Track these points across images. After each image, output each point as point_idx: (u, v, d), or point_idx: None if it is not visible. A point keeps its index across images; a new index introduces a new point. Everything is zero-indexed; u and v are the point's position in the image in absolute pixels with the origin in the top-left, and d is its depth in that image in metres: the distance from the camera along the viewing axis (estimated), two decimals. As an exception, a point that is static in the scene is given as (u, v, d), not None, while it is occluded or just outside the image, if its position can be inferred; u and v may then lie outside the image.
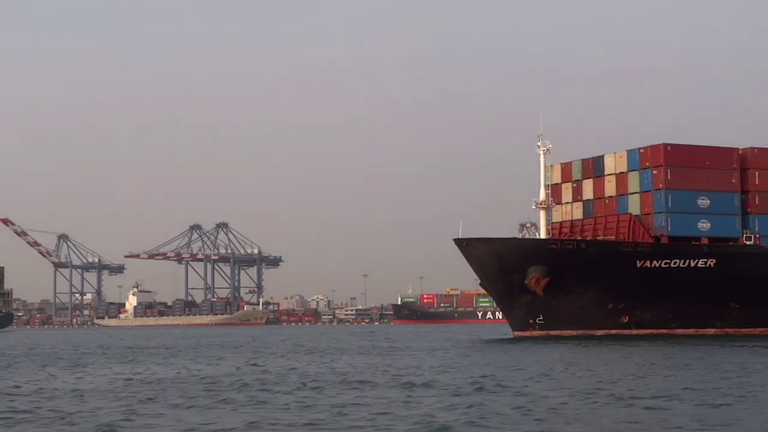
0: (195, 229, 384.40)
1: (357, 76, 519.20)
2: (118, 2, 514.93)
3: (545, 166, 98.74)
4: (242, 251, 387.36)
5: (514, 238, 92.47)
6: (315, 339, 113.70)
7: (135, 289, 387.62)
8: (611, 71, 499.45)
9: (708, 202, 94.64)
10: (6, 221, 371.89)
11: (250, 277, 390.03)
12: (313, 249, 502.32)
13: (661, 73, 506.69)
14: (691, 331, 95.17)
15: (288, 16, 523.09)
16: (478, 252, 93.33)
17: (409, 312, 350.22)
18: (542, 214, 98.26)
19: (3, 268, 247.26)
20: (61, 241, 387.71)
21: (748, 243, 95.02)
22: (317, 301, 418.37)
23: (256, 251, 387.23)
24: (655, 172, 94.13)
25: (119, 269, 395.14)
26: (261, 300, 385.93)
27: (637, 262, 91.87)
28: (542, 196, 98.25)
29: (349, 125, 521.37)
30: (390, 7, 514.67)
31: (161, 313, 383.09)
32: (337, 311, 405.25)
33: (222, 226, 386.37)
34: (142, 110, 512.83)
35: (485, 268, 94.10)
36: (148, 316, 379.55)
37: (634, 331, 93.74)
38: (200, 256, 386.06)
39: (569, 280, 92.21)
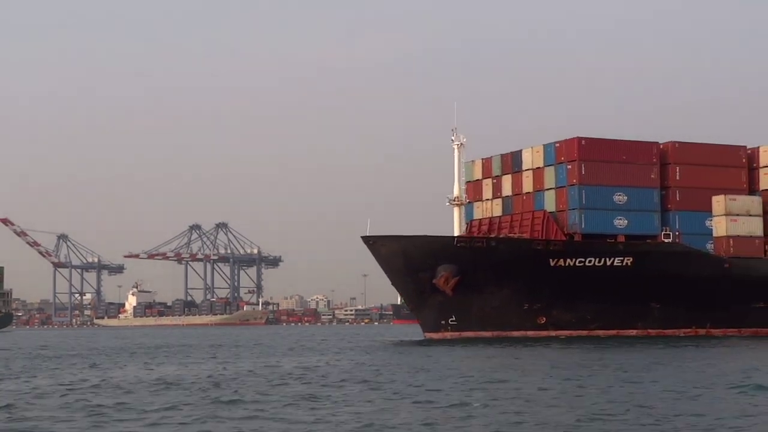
0: (195, 229, 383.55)
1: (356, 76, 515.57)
2: (118, 3, 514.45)
3: (460, 162, 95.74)
4: (242, 251, 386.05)
5: (423, 236, 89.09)
6: (275, 340, 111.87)
7: (134, 289, 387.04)
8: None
9: (625, 198, 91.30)
10: (6, 221, 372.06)
11: (250, 277, 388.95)
12: (313, 249, 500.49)
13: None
14: (612, 332, 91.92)
15: (287, 16, 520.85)
16: (386, 250, 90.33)
17: (408, 312, 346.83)
18: (456, 210, 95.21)
19: (3, 268, 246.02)
20: (61, 241, 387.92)
21: (666, 241, 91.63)
22: (317, 301, 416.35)
23: (255, 251, 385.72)
24: (569, 167, 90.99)
25: (119, 269, 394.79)
26: (261, 300, 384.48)
27: (551, 260, 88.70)
28: (456, 192, 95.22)
29: (349, 124, 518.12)
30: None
31: (161, 313, 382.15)
32: (336, 311, 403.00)
33: (222, 226, 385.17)
34: (142, 110, 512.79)
35: (393, 266, 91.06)
36: (147, 316, 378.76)
37: (553, 333, 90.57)
38: (200, 256, 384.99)
39: (481, 280, 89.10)
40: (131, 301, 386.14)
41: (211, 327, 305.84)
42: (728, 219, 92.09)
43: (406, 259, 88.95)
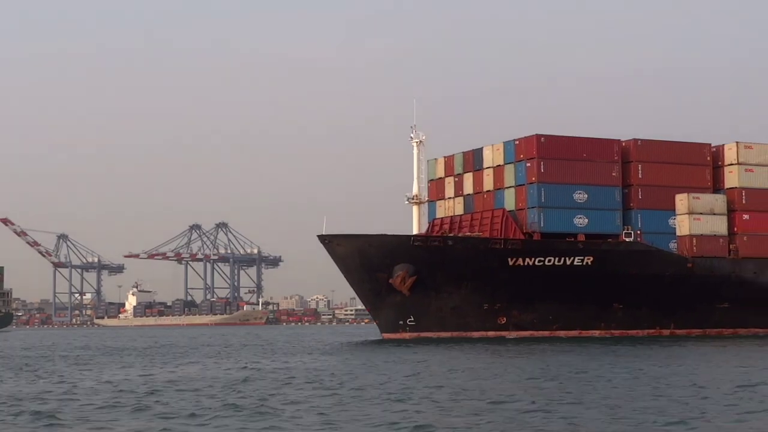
0: (195, 229, 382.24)
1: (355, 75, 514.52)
2: (117, 3, 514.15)
3: (419, 159, 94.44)
4: (242, 251, 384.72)
5: (379, 235, 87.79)
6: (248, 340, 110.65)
7: (134, 289, 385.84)
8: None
9: (585, 196, 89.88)
10: (6, 221, 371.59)
11: (250, 277, 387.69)
12: (313, 249, 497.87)
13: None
14: (575, 332, 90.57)
15: (287, 15, 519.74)
16: (342, 249, 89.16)
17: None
18: (415, 209, 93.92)
19: (2, 268, 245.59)
20: (61, 241, 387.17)
21: (627, 240, 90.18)
22: (317, 301, 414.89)
23: (255, 251, 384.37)
24: (529, 164, 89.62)
25: (119, 269, 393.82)
26: (261, 300, 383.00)
27: (509, 260, 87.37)
28: (414, 190, 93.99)
29: (348, 124, 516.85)
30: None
31: (161, 313, 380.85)
32: (336, 311, 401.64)
33: (222, 226, 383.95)
34: (142, 110, 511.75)
35: (349, 266, 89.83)
36: (147, 316, 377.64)
37: (514, 334, 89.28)
38: (200, 256, 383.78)
39: (438, 279, 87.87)
40: (131, 301, 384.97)
41: (211, 327, 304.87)
42: (691, 218, 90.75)
43: (363, 258, 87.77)
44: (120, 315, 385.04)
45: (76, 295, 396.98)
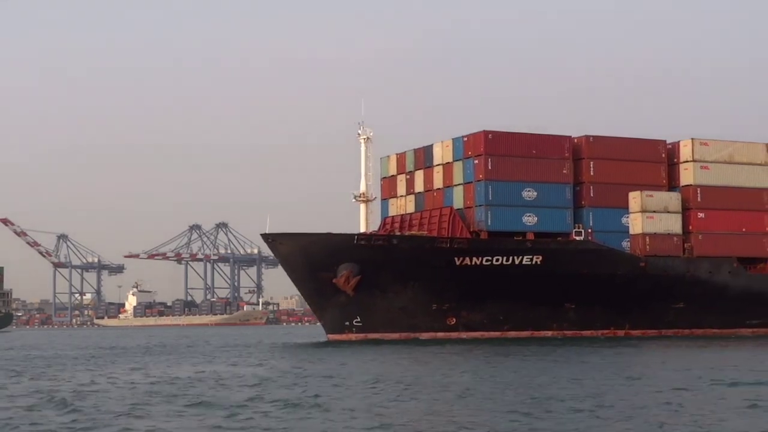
0: (195, 229, 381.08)
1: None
2: (116, 3, 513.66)
3: (366, 157, 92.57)
4: (242, 251, 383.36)
5: (323, 233, 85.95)
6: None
7: (135, 289, 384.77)
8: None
9: (535, 194, 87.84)
10: (6, 221, 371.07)
11: (250, 277, 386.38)
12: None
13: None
14: (526, 333, 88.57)
15: (286, 15, 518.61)
16: (285, 248, 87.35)
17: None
18: (362, 207, 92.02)
19: (2, 268, 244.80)
20: (61, 241, 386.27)
21: (578, 238, 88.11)
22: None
23: (255, 251, 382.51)
24: (476, 161, 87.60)
25: (119, 269, 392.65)
26: (261, 300, 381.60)
27: (456, 259, 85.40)
28: (362, 188, 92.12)
29: (346, 124, 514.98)
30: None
31: (161, 313, 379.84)
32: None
33: (222, 226, 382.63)
34: (142, 110, 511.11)
35: (293, 265, 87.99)
36: (147, 316, 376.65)
37: (463, 334, 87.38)
38: (200, 256, 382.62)
39: (384, 279, 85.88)
40: (131, 301, 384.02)
41: (211, 327, 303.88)
42: (644, 216, 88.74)
43: (306, 258, 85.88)
44: (120, 315, 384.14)
45: (76, 295, 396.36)
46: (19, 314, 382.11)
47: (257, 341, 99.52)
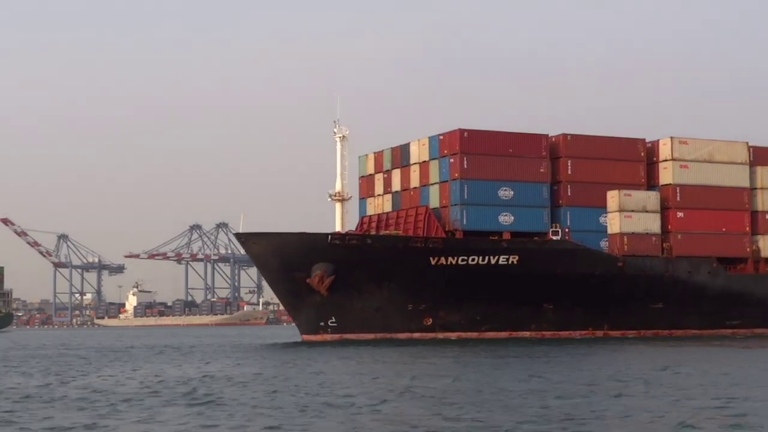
0: (195, 229, 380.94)
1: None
2: (116, 2, 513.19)
3: (342, 155, 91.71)
4: (242, 251, 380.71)
5: (297, 233, 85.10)
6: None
7: (135, 289, 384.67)
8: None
9: (511, 193, 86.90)
10: (6, 221, 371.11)
11: (250, 277, 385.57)
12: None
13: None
14: (504, 334, 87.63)
15: (286, 15, 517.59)
16: (258, 248, 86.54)
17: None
18: (338, 206, 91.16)
19: (3, 268, 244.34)
20: (61, 241, 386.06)
21: (555, 238, 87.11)
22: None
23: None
24: (452, 160, 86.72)
25: (119, 269, 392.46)
26: (261, 300, 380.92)
27: (431, 259, 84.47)
28: (338, 186, 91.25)
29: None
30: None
31: (161, 313, 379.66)
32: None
33: (222, 226, 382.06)
34: (142, 110, 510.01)
35: (267, 265, 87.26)
36: (148, 316, 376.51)
37: (440, 335, 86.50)
38: (200, 256, 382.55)
39: (359, 279, 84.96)
40: (131, 301, 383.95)
41: (211, 327, 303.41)
42: (622, 215, 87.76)
43: (280, 257, 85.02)
44: (120, 315, 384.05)
45: (77, 295, 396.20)
46: (20, 314, 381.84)
47: (237, 342, 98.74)
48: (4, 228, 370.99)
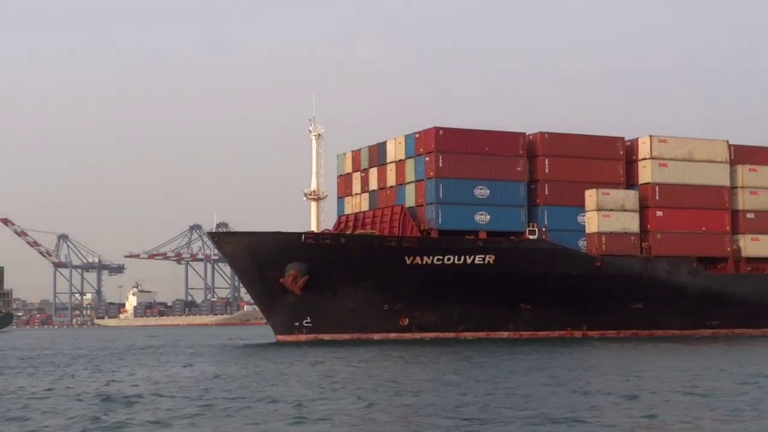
0: (195, 229, 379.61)
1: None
2: (116, 2, 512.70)
3: (318, 153, 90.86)
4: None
5: (270, 232, 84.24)
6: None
7: (135, 289, 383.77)
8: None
9: (487, 192, 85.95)
10: (6, 221, 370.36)
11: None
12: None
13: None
14: (482, 334, 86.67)
15: (285, 14, 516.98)
16: (231, 247, 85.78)
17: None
18: (313, 205, 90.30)
19: (3, 268, 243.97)
20: (61, 241, 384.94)
21: (531, 237, 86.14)
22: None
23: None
24: (428, 159, 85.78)
25: (119, 269, 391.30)
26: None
27: (406, 258, 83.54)
28: (313, 185, 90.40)
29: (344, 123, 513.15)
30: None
31: (161, 313, 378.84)
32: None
33: (222, 226, 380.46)
34: (142, 110, 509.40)
35: (240, 265, 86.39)
36: (148, 316, 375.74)
37: (417, 335, 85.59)
38: (200, 256, 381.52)
39: (334, 279, 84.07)
40: (131, 301, 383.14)
41: (211, 327, 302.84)
42: (600, 214, 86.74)
43: (253, 257, 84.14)
44: (120, 315, 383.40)
45: (77, 295, 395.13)
46: (20, 314, 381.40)
47: (214, 342, 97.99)
48: (4, 228, 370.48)
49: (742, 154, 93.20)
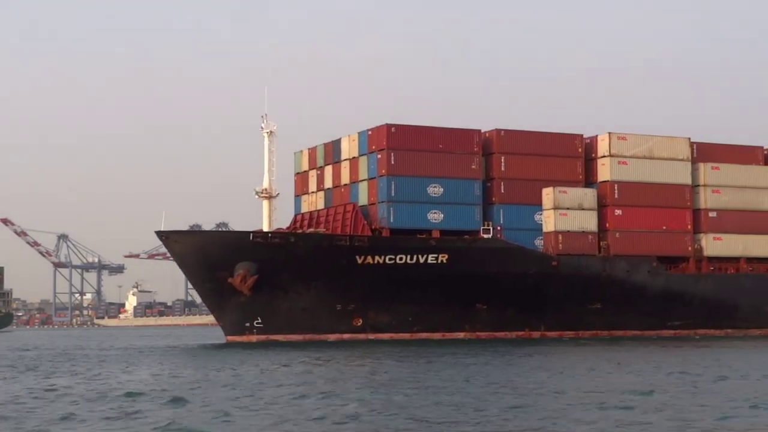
0: (195, 229, 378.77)
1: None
2: (115, 2, 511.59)
3: (270, 151, 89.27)
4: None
5: (219, 231, 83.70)
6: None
7: (135, 289, 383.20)
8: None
9: (441, 190, 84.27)
10: (6, 221, 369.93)
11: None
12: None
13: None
14: (437, 335, 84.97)
15: (286, 14, 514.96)
16: (179, 247, 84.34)
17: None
18: (265, 204, 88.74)
19: (3, 268, 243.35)
20: (61, 241, 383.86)
21: (485, 236, 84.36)
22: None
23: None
24: (380, 156, 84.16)
25: (119, 269, 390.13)
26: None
27: (357, 258, 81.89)
28: (265, 183, 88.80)
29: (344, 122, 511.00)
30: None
31: (161, 313, 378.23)
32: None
33: (222, 226, 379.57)
34: (142, 110, 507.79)
35: (188, 264, 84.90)
36: (147, 316, 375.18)
37: (371, 336, 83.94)
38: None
39: (284, 279, 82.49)
40: (131, 301, 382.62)
41: (211, 327, 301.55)
42: (557, 213, 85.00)
43: (202, 256, 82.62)
44: (120, 315, 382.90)
45: (77, 295, 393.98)
46: (20, 314, 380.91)
47: (175, 343, 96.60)
48: (4, 228, 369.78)
49: (704, 152, 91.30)
